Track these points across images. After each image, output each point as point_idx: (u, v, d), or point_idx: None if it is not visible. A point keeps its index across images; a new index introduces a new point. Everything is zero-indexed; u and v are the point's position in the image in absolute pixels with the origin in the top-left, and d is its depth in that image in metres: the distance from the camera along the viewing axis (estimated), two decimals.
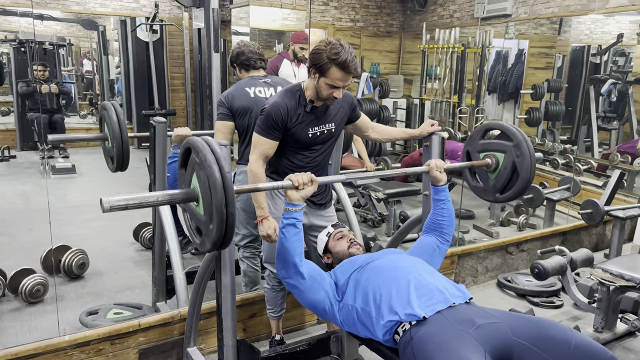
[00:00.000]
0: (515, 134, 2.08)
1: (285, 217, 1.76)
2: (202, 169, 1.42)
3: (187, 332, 2.33)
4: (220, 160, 1.42)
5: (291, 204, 1.74)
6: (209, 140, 1.47)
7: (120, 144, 2.36)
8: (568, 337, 1.63)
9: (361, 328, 1.78)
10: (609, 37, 5.94)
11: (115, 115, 2.37)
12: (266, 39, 5.96)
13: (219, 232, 1.43)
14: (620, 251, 3.58)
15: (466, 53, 6.31)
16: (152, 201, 1.46)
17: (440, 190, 2.05)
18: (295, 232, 1.76)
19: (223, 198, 1.40)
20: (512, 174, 2.10)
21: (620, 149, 5.18)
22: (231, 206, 1.41)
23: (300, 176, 1.72)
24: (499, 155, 2.13)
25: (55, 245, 3.22)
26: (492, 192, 2.18)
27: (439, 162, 2.04)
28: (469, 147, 2.25)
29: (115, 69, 8.01)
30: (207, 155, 1.42)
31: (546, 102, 6.13)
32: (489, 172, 2.18)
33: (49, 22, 7.29)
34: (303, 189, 1.73)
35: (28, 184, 5.27)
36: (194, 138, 1.50)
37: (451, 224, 2.06)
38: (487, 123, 2.24)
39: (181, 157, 1.58)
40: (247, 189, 1.70)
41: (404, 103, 7.89)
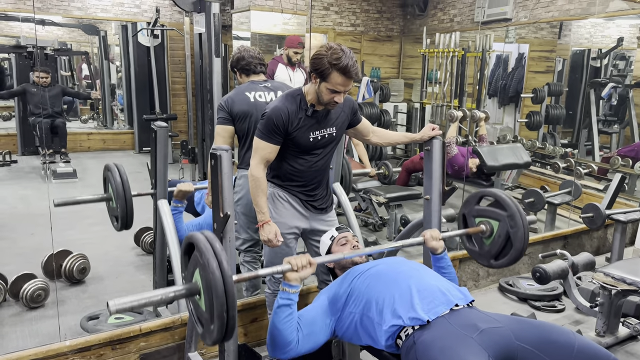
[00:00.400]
0: (509, 205, 2.11)
1: (281, 298, 1.75)
2: (204, 271, 1.44)
3: (188, 336, 2.32)
4: (223, 264, 1.43)
5: (288, 284, 1.74)
6: (212, 240, 1.48)
7: (124, 204, 2.42)
8: (571, 340, 1.62)
9: (363, 335, 1.78)
10: (609, 40, 5.94)
11: (119, 176, 2.43)
12: (267, 43, 5.97)
13: (220, 333, 1.45)
14: (622, 255, 3.58)
15: (466, 57, 6.32)
16: (157, 300, 1.48)
17: (439, 258, 2.06)
18: (289, 314, 1.74)
19: (224, 303, 1.42)
20: (506, 242, 2.14)
21: (621, 152, 5.18)
22: (232, 309, 1.43)
23: (298, 259, 1.73)
24: (494, 222, 2.17)
25: (56, 250, 3.22)
26: (487, 258, 2.22)
27: (434, 232, 2.05)
28: (465, 211, 2.28)
29: (117, 73, 8.03)
30: (210, 260, 1.43)
31: (547, 106, 6.13)
32: (484, 237, 2.21)
33: (51, 27, 7.31)
34: (301, 271, 1.72)
35: (29, 189, 5.28)
36: (198, 236, 1.50)
37: (454, 283, 2.05)
38: (483, 190, 2.27)
39: (184, 247, 1.60)
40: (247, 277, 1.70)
41: (404, 107, 7.89)
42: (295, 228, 2.29)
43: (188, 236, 1.55)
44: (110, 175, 2.47)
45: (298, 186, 2.24)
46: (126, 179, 2.45)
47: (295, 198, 2.26)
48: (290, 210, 2.27)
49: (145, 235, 3.76)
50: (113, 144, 7.37)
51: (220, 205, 1.77)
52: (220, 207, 1.77)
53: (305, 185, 2.25)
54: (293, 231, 2.30)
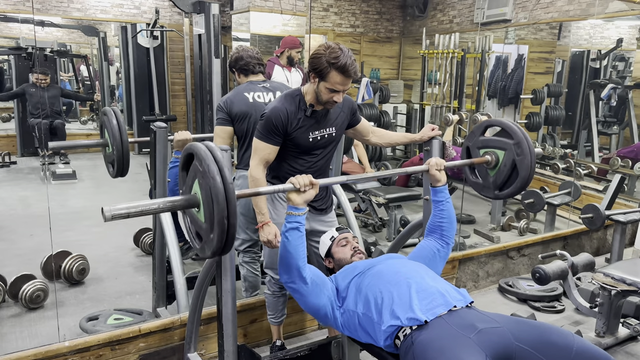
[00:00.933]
0: (516, 132, 2.08)
1: (288, 221, 1.75)
2: (204, 178, 1.42)
3: (188, 337, 2.32)
4: (224, 170, 1.41)
5: (294, 207, 1.74)
6: (212, 148, 1.46)
7: (121, 148, 2.37)
8: (570, 342, 1.62)
9: (362, 334, 1.78)
10: (609, 42, 5.95)
11: (115, 120, 2.37)
12: (266, 44, 5.97)
13: (220, 242, 1.43)
14: (622, 255, 3.58)
15: (466, 58, 6.32)
16: (154, 208, 1.45)
17: (439, 191, 2.04)
18: (299, 236, 1.76)
19: (225, 209, 1.39)
20: (512, 171, 2.11)
21: (620, 153, 5.18)
22: (232, 217, 1.41)
23: (300, 178, 1.72)
24: (499, 152, 2.13)
25: (55, 251, 3.22)
26: (491, 189, 2.19)
27: (439, 160, 2.04)
28: (469, 143, 2.25)
29: (116, 75, 8.04)
30: (211, 165, 1.41)
31: (546, 107, 6.13)
32: (489, 168, 2.18)
33: (50, 28, 7.31)
34: (305, 192, 1.73)
35: (28, 190, 5.28)
36: (197, 144, 1.49)
37: (452, 225, 2.06)
38: (488, 120, 2.24)
39: (182, 161, 1.57)
40: (248, 194, 1.69)
41: (404, 108, 7.90)
42: None
43: (186, 147, 1.52)
44: (107, 119, 2.41)
45: None
46: (123, 124, 2.39)
47: None
48: None
49: (144, 236, 3.76)
50: None
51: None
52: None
53: None
54: None
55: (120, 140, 2.36)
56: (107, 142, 2.47)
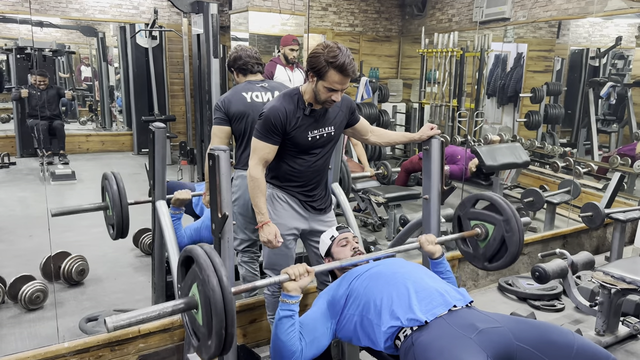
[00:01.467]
0: (505, 209, 2.13)
1: (281, 309, 1.73)
2: (204, 287, 1.43)
3: (187, 338, 2.32)
4: (223, 280, 1.42)
5: (288, 295, 1.73)
6: (212, 255, 1.46)
7: (120, 212, 2.44)
8: (570, 340, 1.62)
9: (362, 337, 1.77)
10: (608, 40, 5.95)
11: (116, 185, 2.45)
12: (265, 44, 5.97)
13: (217, 349, 1.44)
14: (622, 254, 3.58)
15: (465, 57, 6.33)
16: (155, 315, 1.46)
17: (437, 263, 2.05)
18: (291, 324, 1.73)
19: (224, 321, 1.40)
20: (501, 246, 2.16)
21: (620, 151, 5.18)
22: (231, 327, 1.42)
23: (295, 268, 1.72)
24: (489, 226, 2.19)
25: (54, 252, 3.22)
26: (481, 260, 2.25)
27: (430, 236, 2.06)
28: (460, 213, 2.30)
29: (115, 75, 8.03)
30: (211, 276, 1.41)
31: (545, 106, 6.13)
32: (479, 240, 2.23)
33: (49, 29, 7.31)
34: (300, 280, 1.72)
35: (28, 191, 5.27)
36: (197, 250, 1.49)
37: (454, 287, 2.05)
38: (479, 194, 2.29)
39: (181, 259, 1.58)
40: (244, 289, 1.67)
41: (403, 107, 7.90)
42: (294, 229, 2.28)
43: (186, 249, 1.53)
44: (108, 184, 2.50)
45: (297, 187, 2.24)
46: (123, 188, 2.47)
47: (294, 199, 2.25)
48: (289, 211, 2.26)
49: (143, 237, 3.76)
50: (112, 146, 7.37)
51: (218, 205, 1.76)
52: (219, 207, 1.76)
53: (304, 185, 2.24)
54: (292, 232, 2.29)
55: (120, 205, 2.44)
56: (108, 206, 2.55)
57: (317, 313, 1.84)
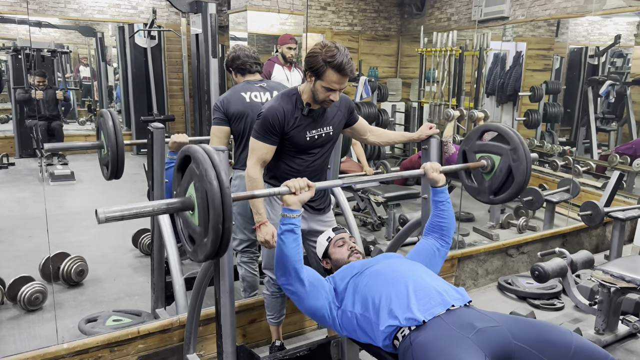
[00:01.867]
0: (512, 137, 2.08)
1: (283, 223, 1.74)
2: (201, 181, 1.40)
3: (187, 338, 2.32)
4: (221, 174, 1.40)
5: (289, 209, 1.73)
6: (210, 151, 1.44)
7: (116, 150, 2.36)
8: (568, 340, 1.62)
9: (361, 334, 1.77)
10: (607, 38, 5.95)
11: (111, 122, 2.37)
12: (264, 43, 5.96)
13: (214, 246, 1.42)
14: (621, 252, 3.58)
15: (464, 56, 6.32)
16: (149, 211, 1.44)
17: (439, 191, 2.04)
18: (294, 238, 1.74)
19: (221, 214, 1.38)
20: (507, 176, 2.11)
21: (619, 150, 5.18)
22: (228, 221, 1.39)
23: (296, 181, 1.71)
24: (495, 157, 2.14)
25: (53, 253, 3.21)
26: (486, 193, 2.20)
27: (435, 164, 2.04)
28: (465, 147, 2.25)
29: (114, 75, 8.02)
30: (208, 169, 1.39)
31: (544, 104, 6.13)
32: (484, 173, 2.19)
33: (47, 29, 7.30)
34: (300, 194, 1.72)
35: (27, 191, 5.27)
36: (194, 147, 1.47)
37: (451, 225, 2.06)
38: (485, 124, 2.24)
39: (178, 163, 1.56)
40: (244, 196, 1.68)
41: (402, 106, 7.90)
42: None
43: (183, 149, 1.50)
44: (103, 121, 2.40)
45: None
46: (119, 126, 2.39)
47: None
48: None
49: (143, 237, 3.76)
50: None
51: None
52: None
53: None
54: None
55: (116, 142, 2.35)
56: (103, 144, 2.46)
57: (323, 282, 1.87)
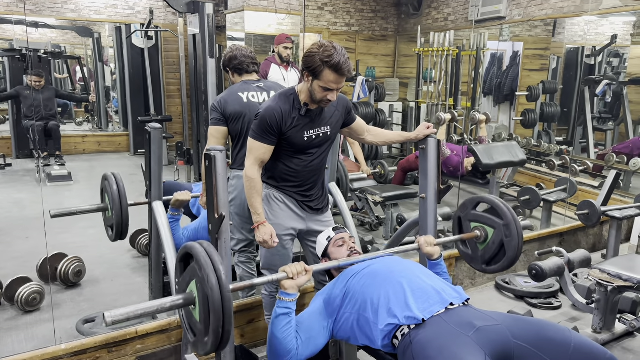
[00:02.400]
0: (506, 213, 2.14)
1: (278, 307, 1.74)
2: (203, 286, 1.45)
3: (185, 338, 2.31)
4: (222, 280, 1.44)
5: (285, 293, 1.74)
6: (212, 254, 1.48)
7: (120, 213, 2.43)
8: (567, 338, 1.62)
9: (360, 335, 1.77)
10: (603, 38, 5.96)
11: (116, 185, 2.44)
12: (262, 44, 5.96)
13: (214, 347, 1.46)
14: (618, 251, 3.59)
15: (461, 56, 6.33)
16: (154, 310, 1.48)
17: (435, 264, 2.08)
18: (287, 322, 1.74)
19: (221, 319, 1.43)
20: (500, 250, 2.18)
21: (615, 149, 5.19)
22: (228, 325, 1.44)
23: (293, 267, 1.73)
24: (489, 229, 2.20)
25: (51, 253, 3.21)
26: (479, 262, 2.27)
27: (429, 238, 2.08)
28: (461, 214, 2.31)
29: (111, 75, 8.01)
30: (210, 275, 1.43)
31: (541, 104, 6.14)
32: (478, 242, 2.25)
33: (44, 29, 7.28)
34: (297, 279, 1.73)
35: (24, 192, 5.25)
36: (197, 248, 1.50)
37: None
38: (481, 197, 2.29)
39: (180, 255, 1.59)
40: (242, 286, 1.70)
41: (400, 106, 7.91)
42: (291, 229, 2.28)
43: (186, 246, 1.53)
44: (107, 184, 2.48)
45: (294, 187, 2.24)
46: (123, 188, 2.46)
47: (291, 199, 2.25)
48: (286, 212, 2.26)
49: (140, 238, 3.75)
50: (108, 147, 7.35)
51: (215, 206, 1.76)
52: (215, 208, 1.76)
53: (300, 185, 2.24)
54: (289, 232, 2.29)
55: (120, 206, 2.43)
56: (107, 207, 2.54)
57: (314, 312, 1.85)
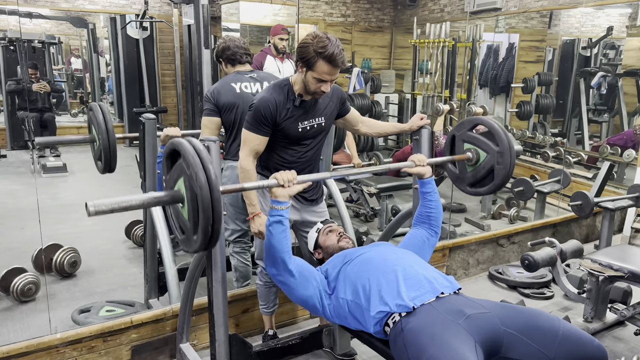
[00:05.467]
0: (502, 140, 2.10)
1: (271, 215, 1.76)
2: (191, 183, 1.41)
3: (180, 328, 2.34)
4: (212, 177, 1.39)
5: (277, 201, 1.75)
6: (200, 151, 1.43)
7: (107, 143, 2.35)
8: (555, 326, 1.65)
9: (352, 320, 1.80)
10: (599, 30, 5.96)
11: (102, 115, 2.36)
12: (257, 35, 5.94)
13: (203, 245, 1.44)
14: (610, 242, 3.61)
15: (457, 47, 6.32)
16: (138, 204, 1.45)
17: (426, 183, 2.08)
18: (282, 230, 1.77)
19: (210, 218, 1.39)
20: (488, 174, 2.16)
21: (610, 141, 5.22)
22: (217, 223, 1.41)
23: (284, 174, 1.73)
24: (482, 153, 2.17)
25: (46, 244, 3.21)
26: (464, 183, 2.26)
27: (421, 156, 2.08)
28: (456, 133, 2.27)
29: (106, 66, 7.97)
30: (199, 173, 1.38)
31: (537, 96, 6.15)
32: (468, 164, 2.23)
33: (38, 20, 7.22)
34: (288, 187, 1.73)
35: (19, 183, 5.24)
36: (181, 140, 1.46)
37: (439, 215, 2.09)
38: (481, 118, 2.25)
39: (167, 152, 1.56)
40: (233, 189, 1.69)
41: (395, 98, 7.89)
42: None
43: (173, 142, 1.49)
44: (93, 115, 2.39)
45: None
46: (110, 119, 2.39)
47: None
48: None
49: (136, 229, 3.76)
50: None
51: None
52: None
53: None
54: None
55: (107, 135, 2.35)
56: (95, 138, 2.45)
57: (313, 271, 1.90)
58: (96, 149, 2.48)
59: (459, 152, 2.25)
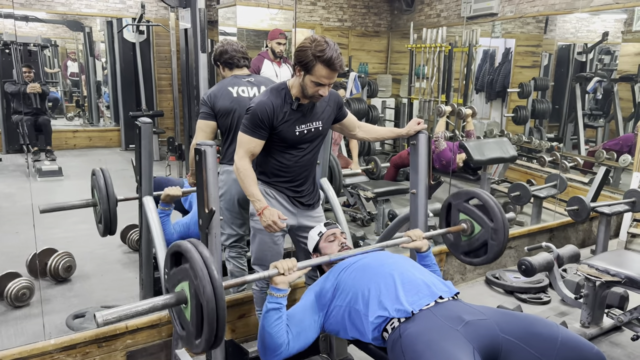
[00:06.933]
0: (497, 217, 2.14)
1: (269, 302, 1.74)
2: (196, 289, 1.42)
3: (175, 333, 2.31)
4: (218, 289, 1.41)
5: (276, 289, 1.73)
6: (207, 260, 1.44)
7: (107, 208, 2.42)
8: (555, 333, 1.64)
9: (350, 328, 1.78)
10: (595, 35, 6.00)
11: (103, 180, 2.43)
12: (254, 39, 5.94)
13: (206, 348, 1.46)
14: (607, 247, 3.62)
15: (453, 52, 6.34)
16: (146, 309, 1.46)
17: (424, 256, 2.09)
18: (278, 317, 1.74)
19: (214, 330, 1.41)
20: (482, 247, 2.21)
21: (606, 145, 5.23)
22: (221, 331, 1.43)
23: (285, 262, 1.73)
24: (477, 225, 2.21)
25: (41, 249, 3.19)
26: (458, 251, 2.31)
27: (417, 231, 2.09)
28: (453, 201, 2.31)
29: (102, 70, 7.95)
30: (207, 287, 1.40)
31: (533, 101, 6.17)
32: (463, 235, 2.28)
33: (34, 23, 7.21)
34: (288, 275, 1.72)
35: (14, 187, 5.21)
36: (189, 247, 1.47)
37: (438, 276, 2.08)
38: (476, 192, 2.25)
39: (171, 253, 1.57)
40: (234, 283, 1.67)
41: (392, 102, 7.91)
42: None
43: (177, 244, 1.51)
44: (95, 180, 2.47)
45: (285, 182, 2.23)
46: (111, 184, 2.45)
47: (282, 195, 2.25)
48: (277, 207, 2.24)
49: (131, 233, 3.74)
50: (99, 142, 7.31)
51: (205, 201, 1.75)
52: (206, 203, 1.76)
53: (292, 181, 2.24)
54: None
55: (108, 202, 2.42)
56: (97, 202, 2.52)
57: (304, 306, 1.85)
58: (97, 212, 2.55)
59: (454, 220, 2.30)
